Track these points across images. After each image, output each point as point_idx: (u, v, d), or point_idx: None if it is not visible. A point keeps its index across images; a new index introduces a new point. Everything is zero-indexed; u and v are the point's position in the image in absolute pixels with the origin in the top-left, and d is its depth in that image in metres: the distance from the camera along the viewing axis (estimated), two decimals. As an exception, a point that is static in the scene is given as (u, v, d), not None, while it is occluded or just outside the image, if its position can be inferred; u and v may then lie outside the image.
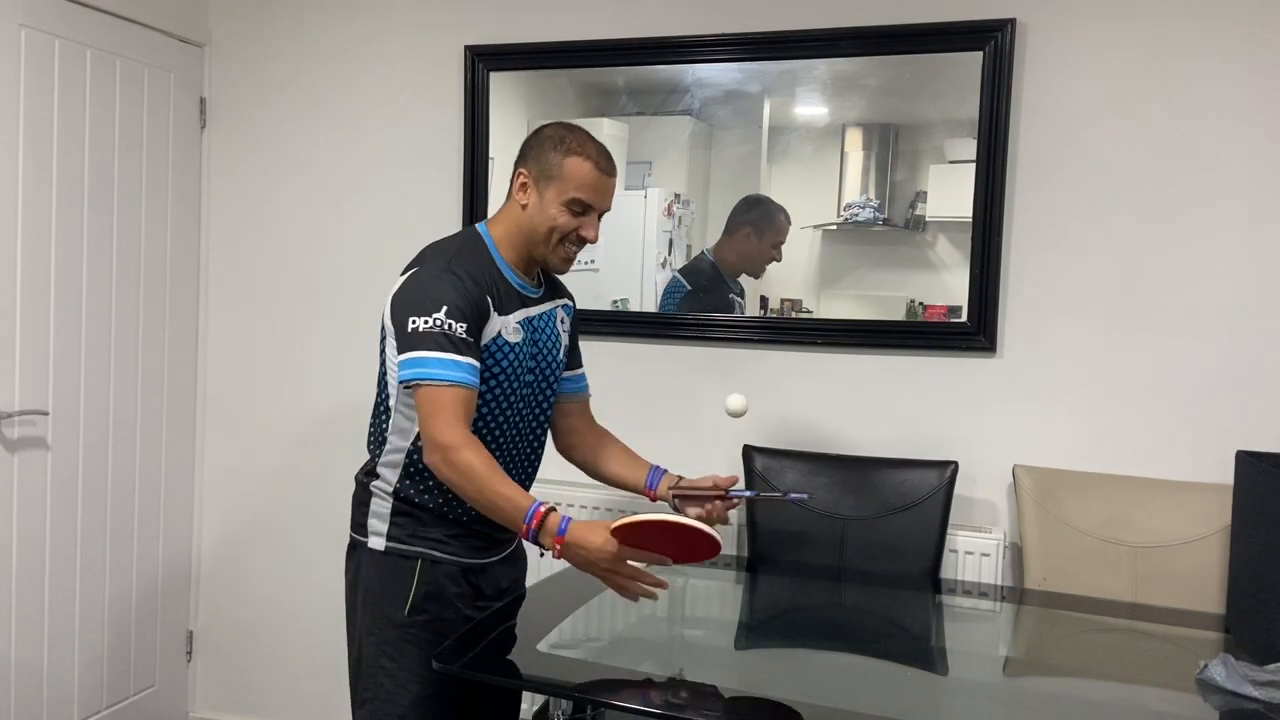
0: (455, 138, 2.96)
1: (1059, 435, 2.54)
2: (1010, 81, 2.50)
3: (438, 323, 1.78)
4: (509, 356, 1.90)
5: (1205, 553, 2.33)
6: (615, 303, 2.83)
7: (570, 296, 2.15)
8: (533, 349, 1.96)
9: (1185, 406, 2.46)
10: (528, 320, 1.95)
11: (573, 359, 2.16)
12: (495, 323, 1.88)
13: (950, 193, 2.57)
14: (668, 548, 1.72)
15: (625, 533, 1.66)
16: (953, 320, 2.59)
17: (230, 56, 3.19)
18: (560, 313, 2.07)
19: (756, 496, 2.01)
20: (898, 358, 2.65)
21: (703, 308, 2.79)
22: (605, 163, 1.90)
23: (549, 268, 1.99)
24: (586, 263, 2.75)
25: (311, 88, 3.12)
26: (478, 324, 1.84)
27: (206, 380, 3.27)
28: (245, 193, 3.21)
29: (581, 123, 2.85)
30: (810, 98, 2.69)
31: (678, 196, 2.79)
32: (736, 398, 2.03)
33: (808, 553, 2.48)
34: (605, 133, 2.77)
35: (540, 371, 1.99)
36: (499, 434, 1.94)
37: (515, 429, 1.97)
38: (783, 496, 1.99)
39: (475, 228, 1.98)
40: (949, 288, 2.59)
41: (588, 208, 1.90)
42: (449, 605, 1.93)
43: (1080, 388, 2.53)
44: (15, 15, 2.59)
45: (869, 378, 2.68)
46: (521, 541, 2.06)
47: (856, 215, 2.66)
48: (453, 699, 1.91)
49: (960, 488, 2.49)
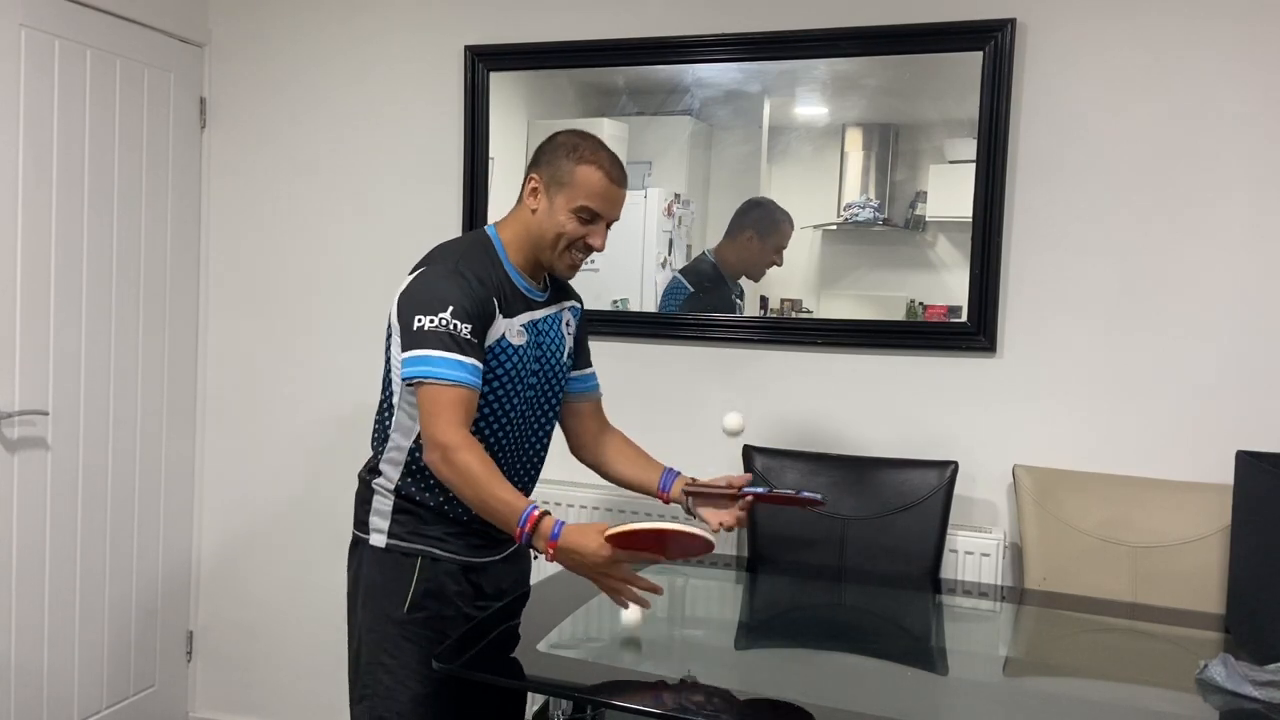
0: (455, 138, 2.96)
1: (1059, 435, 2.54)
2: (1010, 81, 2.50)
3: (443, 322, 1.78)
4: (512, 359, 1.91)
5: (1205, 553, 2.33)
6: (615, 303, 2.83)
7: (578, 298, 2.15)
8: (536, 351, 1.96)
9: (1185, 406, 2.46)
10: (532, 323, 1.96)
11: (581, 359, 2.15)
12: (500, 324, 1.88)
13: (950, 193, 2.57)
14: (661, 549, 1.74)
15: (618, 538, 1.67)
16: (953, 320, 2.59)
17: (230, 56, 3.19)
18: (566, 315, 2.08)
19: (769, 493, 2.00)
20: (898, 358, 2.65)
21: (705, 309, 2.79)
22: (617, 173, 1.91)
23: (554, 273, 1.99)
24: (587, 263, 2.75)
25: (311, 88, 3.12)
26: (482, 325, 1.84)
27: (206, 380, 3.27)
28: (245, 193, 3.21)
29: (581, 123, 2.88)
30: (810, 98, 2.69)
31: (678, 196, 2.79)
32: (734, 417, 2.02)
33: (808, 553, 2.48)
34: (605, 133, 2.77)
35: (544, 374, 1.99)
36: (500, 435, 1.94)
37: (517, 431, 1.97)
38: (795, 494, 1.98)
39: (484, 230, 1.99)
40: (949, 288, 2.59)
41: (596, 216, 1.90)
42: (448, 603, 1.94)
43: (1080, 388, 2.53)
44: (15, 15, 2.59)
45: (869, 378, 2.68)
46: None
47: (856, 215, 2.66)
48: (452, 697, 1.91)
49: (960, 488, 2.50)
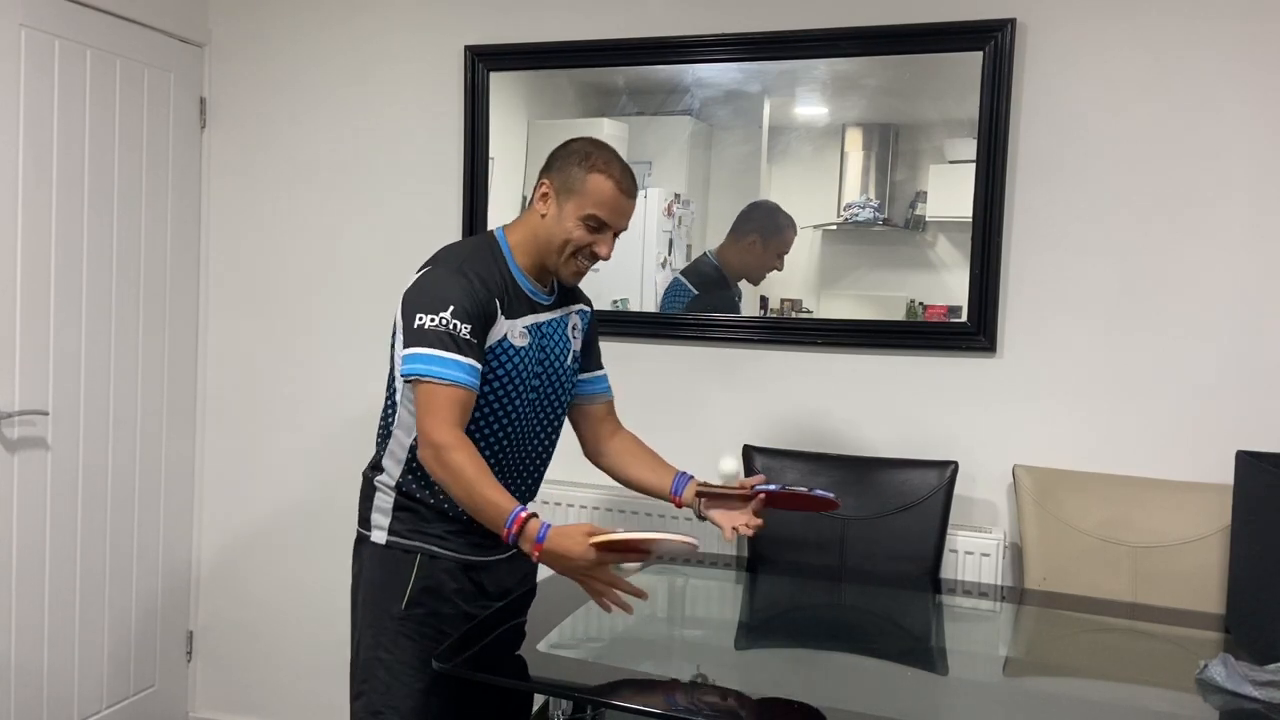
0: (455, 138, 2.96)
1: (1059, 435, 2.54)
2: (1010, 81, 2.50)
3: (443, 322, 1.80)
4: (513, 360, 1.91)
5: (1205, 553, 2.33)
6: (615, 303, 2.83)
7: (587, 302, 2.15)
8: (539, 354, 1.97)
9: (1185, 406, 2.46)
10: (536, 326, 1.96)
11: (591, 361, 2.16)
12: (502, 325, 1.89)
13: (950, 193, 2.57)
14: (645, 552, 1.77)
15: (604, 545, 1.69)
16: (953, 320, 2.59)
17: (230, 56, 3.19)
18: (574, 319, 2.08)
19: (782, 490, 2.00)
20: (898, 358, 2.65)
21: (708, 310, 2.79)
22: (627, 183, 1.91)
23: (559, 278, 2.00)
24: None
25: (311, 88, 3.12)
26: (483, 326, 1.85)
27: (206, 380, 3.27)
28: (245, 193, 3.21)
29: (581, 123, 2.88)
30: (810, 98, 2.69)
31: (678, 196, 2.79)
32: (730, 461, 2.03)
33: (808, 553, 2.48)
34: (605, 133, 2.77)
35: (547, 377, 2.00)
36: (502, 436, 1.94)
37: (519, 433, 1.97)
38: (809, 492, 1.98)
39: (493, 232, 2.00)
40: (949, 288, 2.59)
41: (603, 225, 1.90)
42: (446, 601, 1.94)
43: (1080, 388, 2.53)
44: (15, 15, 2.59)
45: (869, 378, 2.68)
46: None
47: (856, 215, 2.66)
48: (450, 694, 1.91)
49: (960, 488, 2.49)
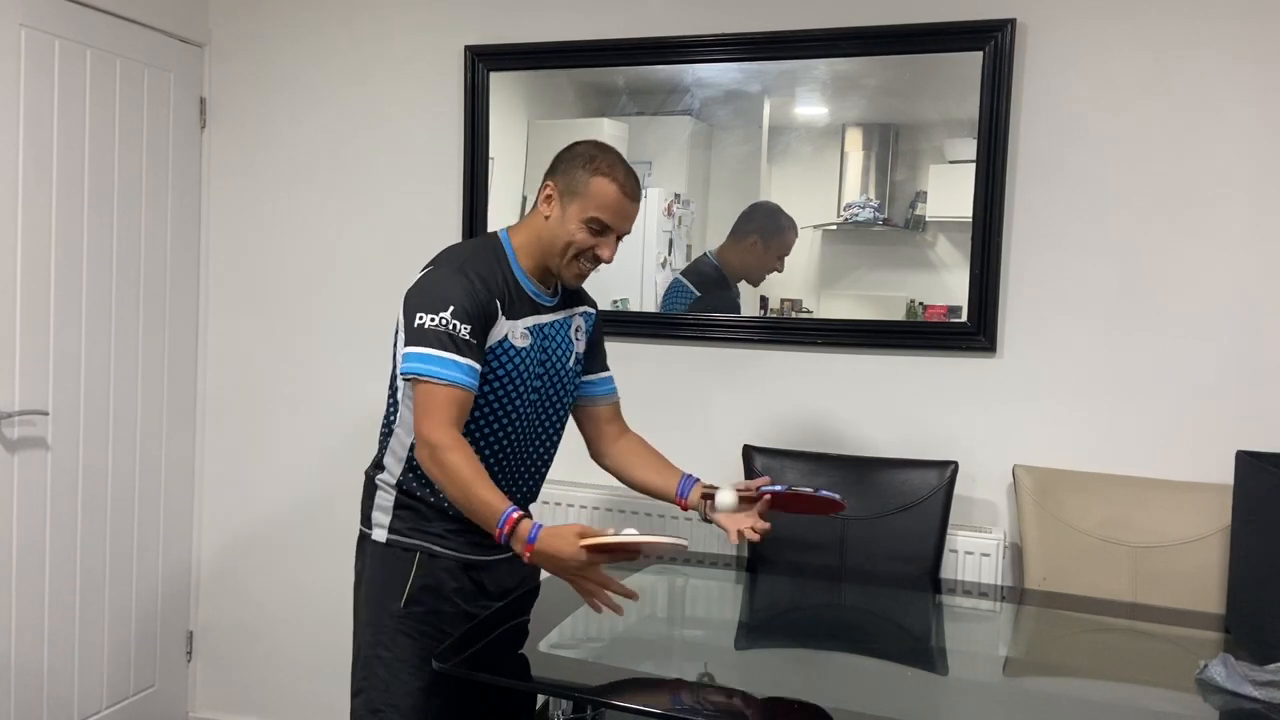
0: (455, 138, 2.96)
1: (1059, 435, 2.54)
2: (1010, 81, 2.50)
3: (443, 322, 1.80)
4: (514, 360, 1.91)
5: (1205, 553, 2.33)
6: (615, 303, 2.83)
7: (592, 304, 2.15)
8: (541, 355, 1.97)
9: (1185, 406, 2.46)
10: (538, 327, 1.96)
11: (597, 362, 2.15)
12: (502, 325, 1.89)
13: (950, 193, 2.57)
14: (635, 553, 1.77)
15: (595, 547, 1.69)
16: (953, 320, 2.59)
17: (230, 56, 3.19)
18: (577, 321, 2.08)
19: (788, 490, 2.00)
20: (898, 358, 2.65)
21: (709, 310, 2.79)
22: (631, 187, 1.91)
23: (561, 280, 2.00)
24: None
25: (311, 88, 3.12)
26: (483, 326, 1.86)
27: (206, 380, 3.27)
28: (245, 193, 3.21)
29: (581, 123, 2.88)
30: (810, 98, 2.68)
31: (678, 196, 2.79)
32: (728, 495, 2.03)
33: (808, 553, 2.48)
34: (605, 133, 2.77)
35: (548, 378, 2.00)
36: (502, 437, 1.94)
37: (520, 434, 1.97)
38: (814, 492, 1.98)
39: (497, 233, 2.01)
40: (949, 288, 2.59)
41: (606, 228, 1.91)
42: (445, 599, 1.95)
43: (1080, 388, 2.53)
44: (15, 15, 2.59)
45: (869, 378, 2.68)
46: None
47: (856, 215, 2.66)
48: (449, 691, 1.92)
49: (960, 488, 2.49)
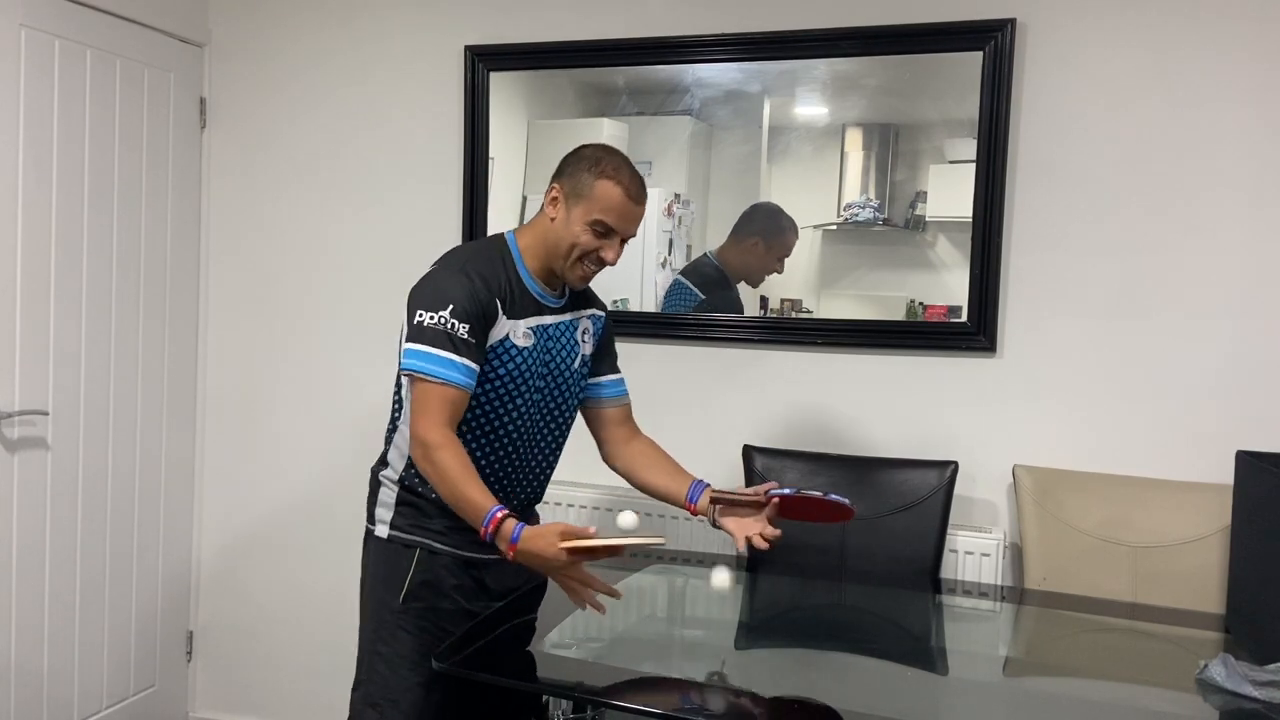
0: (455, 138, 2.96)
1: (1059, 435, 2.54)
2: (1010, 81, 2.50)
3: (443, 320, 1.82)
4: (515, 360, 1.92)
5: (1205, 553, 2.33)
6: (615, 303, 2.83)
7: (601, 306, 2.15)
8: (544, 355, 1.97)
9: (1185, 406, 2.46)
10: (541, 328, 1.96)
11: (606, 365, 2.15)
12: (504, 325, 1.90)
13: (950, 193, 2.57)
14: (616, 551, 1.78)
15: (575, 550, 1.70)
16: (953, 320, 2.59)
17: (230, 56, 3.19)
18: (584, 323, 2.08)
19: (797, 494, 2.00)
20: (898, 358, 2.65)
21: (712, 310, 2.79)
22: (636, 190, 1.92)
23: (565, 282, 2.00)
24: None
25: (311, 88, 3.12)
26: (483, 326, 1.86)
27: (206, 380, 3.27)
28: (245, 193, 3.21)
29: (581, 123, 2.88)
30: (810, 98, 2.68)
31: (678, 196, 2.79)
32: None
33: (808, 553, 2.48)
34: (605, 133, 2.77)
35: (551, 379, 2.00)
36: (503, 436, 1.95)
37: (522, 434, 1.97)
38: (824, 496, 1.98)
39: (503, 234, 2.01)
40: (949, 288, 2.59)
41: (610, 231, 1.91)
42: (445, 596, 1.95)
43: (1080, 388, 2.53)
44: (15, 15, 2.59)
45: (869, 378, 2.68)
46: None
47: (856, 215, 2.66)
48: (447, 687, 1.92)
49: (960, 488, 2.49)
